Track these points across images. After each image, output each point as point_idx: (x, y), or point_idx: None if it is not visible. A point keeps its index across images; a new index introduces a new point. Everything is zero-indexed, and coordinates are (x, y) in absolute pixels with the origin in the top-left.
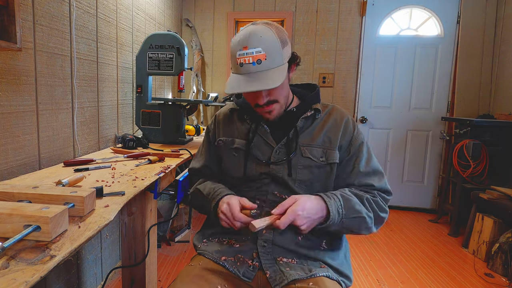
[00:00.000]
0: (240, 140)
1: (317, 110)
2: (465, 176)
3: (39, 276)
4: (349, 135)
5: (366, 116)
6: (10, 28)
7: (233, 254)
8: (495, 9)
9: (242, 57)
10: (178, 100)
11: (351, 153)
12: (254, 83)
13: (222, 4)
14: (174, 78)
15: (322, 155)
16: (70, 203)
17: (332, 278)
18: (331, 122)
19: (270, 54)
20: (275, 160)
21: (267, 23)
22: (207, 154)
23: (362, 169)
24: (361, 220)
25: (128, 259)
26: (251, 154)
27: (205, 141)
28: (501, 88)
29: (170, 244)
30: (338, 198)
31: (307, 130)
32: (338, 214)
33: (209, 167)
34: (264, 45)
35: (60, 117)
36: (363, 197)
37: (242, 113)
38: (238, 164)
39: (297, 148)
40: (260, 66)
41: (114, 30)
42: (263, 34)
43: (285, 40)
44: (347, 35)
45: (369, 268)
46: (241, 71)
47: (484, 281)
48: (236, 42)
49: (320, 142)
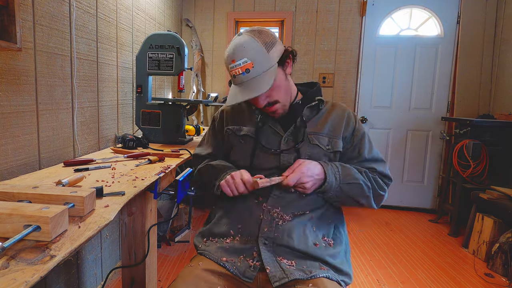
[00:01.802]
0: (248, 127)
1: (321, 101)
2: (465, 176)
3: (39, 276)
4: (351, 126)
5: (366, 116)
6: (10, 28)
7: (234, 254)
8: (495, 9)
9: (233, 70)
10: (178, 100)
11: (354, 142)
12: (246, 91)
13: (222, 4)
14: (174, 78)
15: (328, 143)
16: (70, 203)
17: (332, 279)
18: (335, 114)
19: (256, 61)
20: (285, 148)
21: (250, 31)
22: (213, 142)
23: (366, 155)
24: (359, 186)
25: (128, 259)
26: (259, 143)
27: (210, 130)
28: (501, 88)
29: (170, 244)
30: (336, 166)
31: (313, 119)
32: (335, 178)
33: (214, 156)
34: (249, 54)
35: (60, 117)
36: (361, 169)
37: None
38: (245, 151)
39: (304, 136)
40: (249, 75)
41: (114, 30)
42: (246, 44)
43: (270, 43)
44: (347, 35)
45: (369, 268)
46: (236, 82)
47: (484, 281)
48: (226, 57)
49: (325, 131)
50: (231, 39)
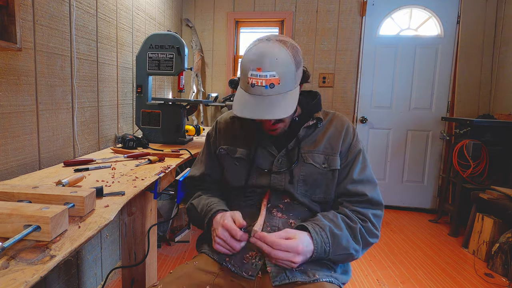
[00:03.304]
0: (242, 149)
1: (319, 119)
2: (465, 176)
3: (39, 276)
4: (348, 141)
5: (366, 116)
6: (10, 28)
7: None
8: (495, 9)
9: (254, 78)
10: (178, 100)
11: (348, 159)
12: (265, 109)
13: (222, 4)
14: (174, 78)
15: (324, 161)
16: (70, 203)
17: (334, 283)
18: (333, 130)
19: (284, 79)
20: (276, 170)
21: (283, 41)
22: (207, 161)
23: (356, 176)
24: (348, 256)
25: (128, 259)
26: (253, 164)
27: (205, 148)
28: (501, 88)
29: (170, 244)
30: (327, 235)
31: (309, 137)
32: (324, 252)
33: (209, 175)
34: (279, 69)
35: (60, 117)
36: (355, 229)
37: (243, 121)
38: (239, 173)
39: (299, 156)
40: (272, 91)
41: (114, 30)
42: (279, 57)
43: (299, 62)
44: (347, 35)
45: (369, 268)
46: (252, 91)
47: (484, 281)
48: (249, 60)
49: (322, 148)
50: (231, 39)
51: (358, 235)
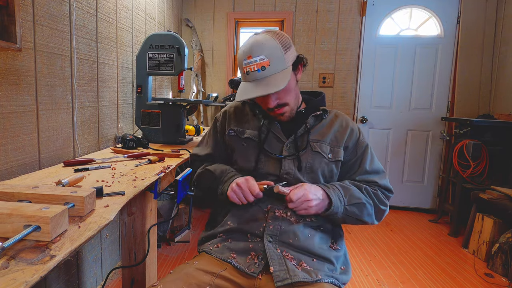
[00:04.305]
0: (251, 131)
1: (325, 111)
2: (465, 176)
3: (39, 276)
4: (355, 138)
5: (366, 116)
6: (10, 28)
7: (240, 253)
8: (495, 9)
9: (247, 66)
10: (178, 100)
11: (357, 154)
12: (260, 88)
13: (222, 4)
14: (174, 78)
15: (330, 152)
16: (70, 203)
17: (335, 284)
18: (338, 124)
19: (273, 60)
20: (286, 155)
21: (268, 31)
22: (212, 143)
23: (367, 167)
24: (362, 205)
25: (128, 259)
26: (263, 147)
27: (211, 130)
28: (501, 88)
29: (170, 244)
30: (338, 188)
31: (316, 127)
32: (339, 201)
33: (213, 156)
34: (266, 52)
35: (60, 117)
36: (361, 187)
37: (254, 107)
38: (248, 154)
39: (308, 143)
40: (264, 72)
41: (114, 30)
42: (265, 42)
43: (287, 45)
44: (347, 35)
45: (369, 268)
46: (248, 78)
47: (484, 281)
48: (241, 52)
49: (328, 140)
50: (231, 39)
51: (365, 192)
